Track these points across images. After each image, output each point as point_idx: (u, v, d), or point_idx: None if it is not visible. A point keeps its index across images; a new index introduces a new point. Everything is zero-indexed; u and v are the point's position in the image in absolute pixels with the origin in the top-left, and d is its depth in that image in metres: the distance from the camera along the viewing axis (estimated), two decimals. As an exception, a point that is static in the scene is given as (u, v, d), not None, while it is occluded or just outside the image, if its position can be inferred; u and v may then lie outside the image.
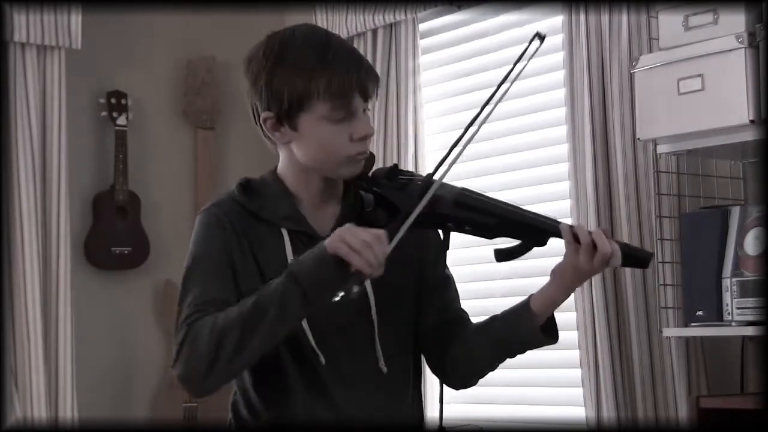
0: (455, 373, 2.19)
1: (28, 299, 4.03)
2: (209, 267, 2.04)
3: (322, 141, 2.04)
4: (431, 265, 2.20)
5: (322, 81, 2.00)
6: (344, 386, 2.08)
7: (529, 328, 2.06)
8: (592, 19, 3.44)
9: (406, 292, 2.16)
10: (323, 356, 2.05)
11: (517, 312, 2.09)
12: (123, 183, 4.40)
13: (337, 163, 2.06)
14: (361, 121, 2.05)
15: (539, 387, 3.80)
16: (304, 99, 2.01)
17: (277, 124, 2.06)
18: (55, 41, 4.14)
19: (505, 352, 2.13)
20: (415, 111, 4.08)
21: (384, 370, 2.10)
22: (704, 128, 2.94)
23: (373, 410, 2.09)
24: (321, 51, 2.03)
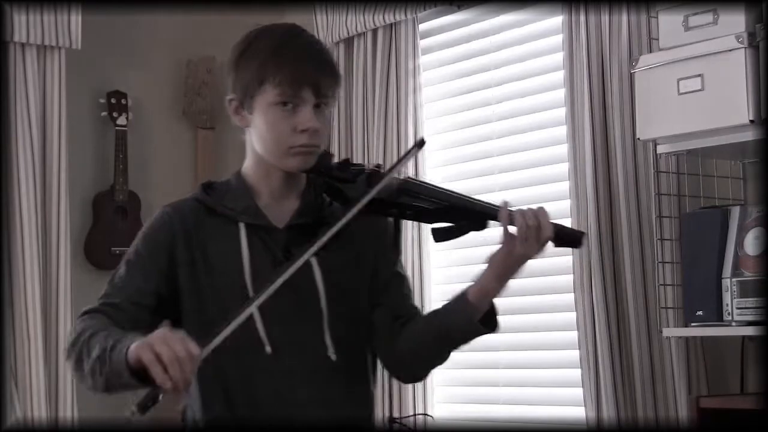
0: (403, 367, 2.24)
1: (28, 299, 4.03)
2: (138, 261, 2.17)
3: (269, 126, 2.13)
4: (384, 262, 2.24)
5: (274, 67, 2.11)
6: (289, 376, 2.12)
7: (464, 319, 2.09)
8: (592, 19, 3.44)
9: (360, 286, 2.21)
10: (270, 346, 2.11)
11: (454, 303, 2.13)
12: (123, 183, 4.40)
13: (281, 152, 2.14)
14: (307, 113, 2.12)
15: (539, 387, 3.80)
16: (259, 83, 2.12)
17: (238, 107, 2.18)
18: (55, 41, 4.14)
19: (445, 343, 2.16)
20: (415, 111, 4.08)
21: (333, 358, 2.13)
22: (704, 128, 2.94)
23: (319, 402, 2.13)
24: (282, 41, 2.15)
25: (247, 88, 2.14)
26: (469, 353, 4.03)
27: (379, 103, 4.11)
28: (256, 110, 2.14)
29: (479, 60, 4.04)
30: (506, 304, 3.88)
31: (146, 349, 1.88)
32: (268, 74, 2.11)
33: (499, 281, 2.10)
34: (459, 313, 2.10)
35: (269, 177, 2.19)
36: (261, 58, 2.13)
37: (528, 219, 2.03)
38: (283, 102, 2.11)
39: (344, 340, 2.16)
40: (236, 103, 2.17)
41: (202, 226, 2.17)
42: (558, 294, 3.68)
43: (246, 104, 2.16)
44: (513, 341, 3.86)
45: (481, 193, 3.96)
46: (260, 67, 2.12)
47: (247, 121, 2.17)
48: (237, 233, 2.15)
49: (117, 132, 4.41)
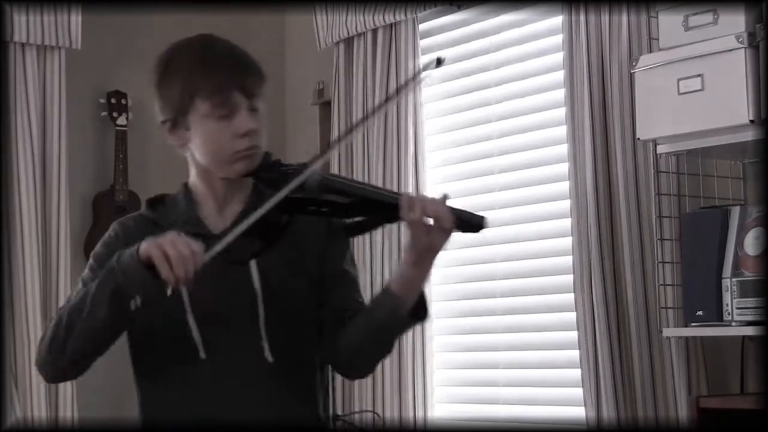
0: (346, 365, 2.23)
1: (28, 299, 4.03)
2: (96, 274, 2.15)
3: (209, 138, 2.14)
4: (330, 261, 2.24)
5: (200, 80, 2.13)
6: (226, 380, 2.13)
7: (390, 311, 2.09)
8: (592, 19, 3.44)
9: (301, 286, 2.21)
10: (204, 350, 2.13)
11: (381, 297, 2.12)
12: (123, 183, 4.40)
13: (225, 160, 2.15)
14: (243, 118, 2.13)
15: (539, 387, 3.80)
16: (188, 100, 2.14)
17: (173, 128, 2.19)
18: (55, 41, 4.14)
19: (378, 338, 2.15)
20: (415, 111, 4.07)
21: (270, 360, 2.15)
22: (704, 128, 2.94)
23: (258, 404, 2.14)
24: (201, 53, 2.17)
25: (177, 107, 2.15)
26: (469, 353, 4.07)
27: (379, 103, 4.11)
28: (192, 126, 2.15)
29: (479, 60, 4.04)
30: (506, 304, 3.92)
31: (155, 247, 1.96)
32: (196, 88, 2.12)
33: (416, 269, 2.05)
34: (385, 306, 2.10)
35: (213, 187, 2.20)
36: (184, 75, 2.14)
37: (427, 210, 2.00)
38: (217, 112, 2.12)
39: (283, 341, 2.16)
40: (169, 124, 2.18)
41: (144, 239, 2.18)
42: (558, 294, 3.68)
43: (180, 123, 2.16)
44: (513, 341, 3.86)
45: (481, 193, 3.98)
46: (186, 83, 2.13)
47: (184, 139, 2.18)
48: None
49: (117, 132, 4.41)
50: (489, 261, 3.96)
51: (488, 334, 3.95)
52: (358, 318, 2.17)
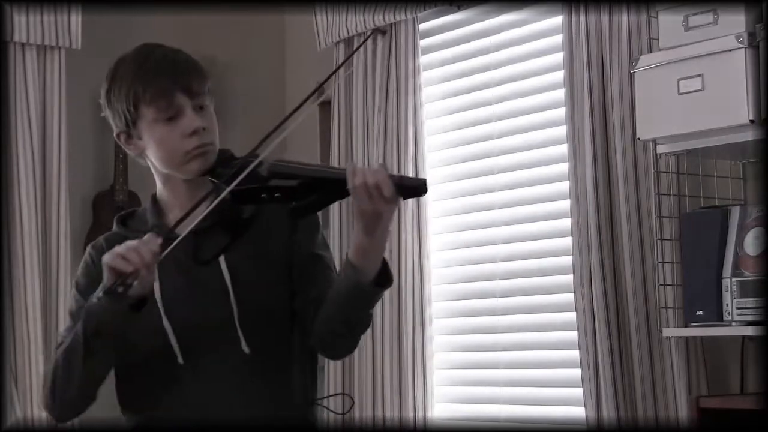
0: (327, 345, 2.24)
1: (28, 299, 4.03)
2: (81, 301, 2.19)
3: (159, 142, 2.19)
4: (299, 247, 2.26)
5: (141, 88, 2.18)
6: (205, 381, 2.16)
7: (353, 281, 2.09)
8: (592, 19, 3.44)
9: (272, 278, 2.23)
10: (182, 355, 2.16)
11: (343, 270, 2.13)
12: (123, 183, 4.40)
13: (179, 161, 2.19)
14: (189, 118, 2.17)
15: (539, 387, 3.80)
16: (134, 108, 2.19)
17: (127, 138, 2.25)
18: (55, 41, 4.14)
19: (348, 311, 2.14)
20: (415, 111, 4.08)
21: (246, 351, 2.17)
22: (704, 128, 2.94)
23: (237, 400, 2.16)
24: (140, 62, 2.22)
25: (126, 118, 2.20)
26: (469, 353, 4.07)
27: (379, 103, 4.11)
28: (143, 133, 2.20)
29: (479, 60, 4.04)
30: (506, 304, 3.92)
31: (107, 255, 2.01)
32: (139, 96, 2.17)
33: (368, 237, 2.06)
34: (349, 278, 2.10)
35: (176, 191, 2.24)
36: (126, 85, 2.19)
37: (367, 177, 2.01)
38: (162, 116, 2.16)
39: (258, 332, 2.18)
40: (124, 135, 2.23)
41: None
42: (558, 294, 3.68)
43: (132, 132, 2.22)
44: (513, 341, 3.86)
45: (481, 193, 3.98)
46: (128, 93, 2.18)
47: (140, 147, 2.23)
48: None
49: (117, 132, 4.41)
50: (489, 261, 3.96)
51: (488, 334, 3.95)
52: (329, 296, 2.19)
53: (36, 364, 4.01)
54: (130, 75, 2.20)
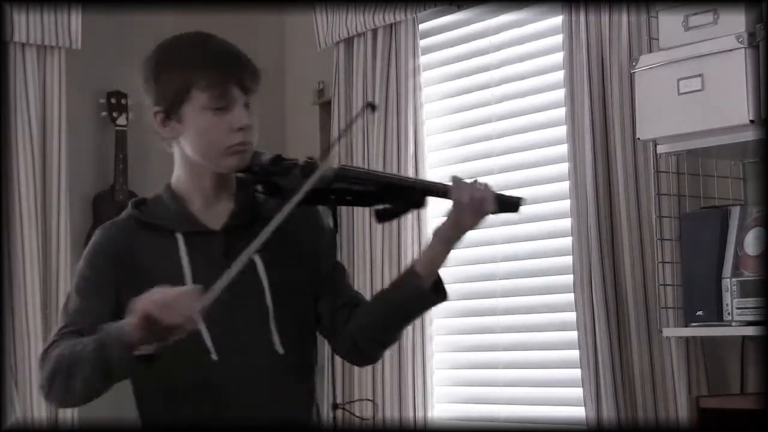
0: (356, 351, 2.26)
1: (28, 299, 4.03)
2: (88, 287, 2.16)
3: (203, 131, 2.15)
4: (325, 254, 2.28)
5: (201, 72, 2.13)
6: (237, 381, 2.14)
7: (416, 288, 2.15)
8: (592, 19, 3.44)
9: (303, 280, 2.24)
10: (216, 353, 2.12)
11: (404, 277, 2.19)
12: (123, 183, 4.40)
13: (218, 154, 2.15)
14: (239, 112, 2.15)
15: (539, 387, 3.80)
16: (186, 90, 2.14)
17: (165, 119, 2.18)
18: (55, 41, 4.14)
19: (399, 318, 2.21)
20: (415, 111, 4.08)
21: (281, 352, 2.16)
22: (704, 128, 2.94)
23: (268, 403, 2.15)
24: (201, 46, 2.19)
25: (172, 98, 2.15)
26: (469, 353, 4.07)
27: (379, 103, 4.11)
28: (186, 118, 2.15)
29: (479, 60, 4.04)
30: (506, 304, 3.92)
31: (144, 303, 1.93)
32: (195, 80, 2.13)
33: (446, 251, 2.18)
34: (410, 286, 2.16)
35: (201, 182, 2.20)
36: (183, 65, 2.15)
37: (474, 193, 2.13)
38: (213, 104, 2.13)
39: (291, 334, 2.18)
40: (162, 115, 2.18)
41: (138, 242, 2.18)
42: (558, 294, 3.68)
43: (173, 114, 2.16)
44: (513, 341, 3.86)
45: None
46: (185, 74, 2.14)
47: (176, 131, 2.18)
48: (175, 244, 2.16)
49: (117, 132, 4.41)
50: (489, 261, 3.96)
51: (488, 334, 3.95)
52: (372, 303, 2.24)
53: (36, 364, 4.00)
54: (188, 56, 2.16)
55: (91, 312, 2.13)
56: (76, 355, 2.04)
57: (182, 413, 2.15)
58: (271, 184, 2.16)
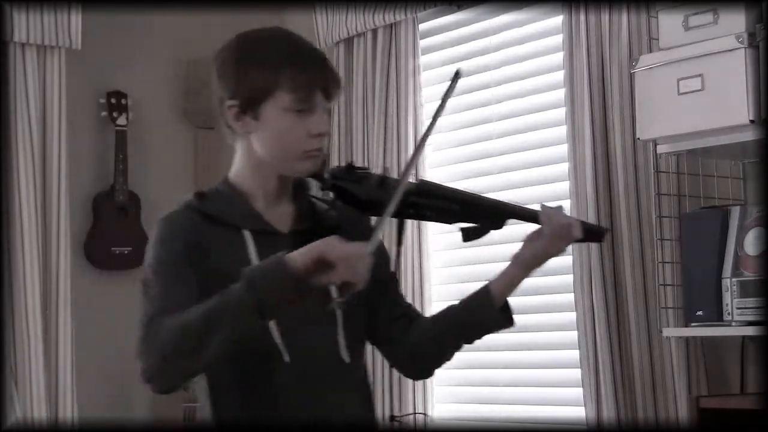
0: (414, 364, 2.28)
1: (28, 299, 4.03)
2: (169, 271, 2.07)
3: (282, 132, 2.10)
4: (380, 264, 2.21)
5: (289, 73, 2.09)
6: (309, 383, 2.11)
7: (489, 311, 2.18)
8: (592, 19, 3.44)
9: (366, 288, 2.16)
10: (288, 354, 2.09)
11: (478, 297, 2.20)
12: (123, 183, 4.40)
13: (293, 157, 2.12)
14: (320, 117, 2.11)
15: (539, 387, 3.80)
16: (270, 88, 2.09)
17: (240, 114, 2.12)
18: (55, 41, 4.14)
19: (465, 337, 2.23)
20: (415, 111, 4.08)
21: (347, 360, 2.15)
22: (704, 128, 2.94)
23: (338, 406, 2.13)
24: (289, 46, 2.14)
25: (254, 95, 2.10)
26: (469, 353, 4.03)
27: (379, 103, 4.11)
28: (264, 116, 2.10)
29: (479, 60, 4.04)
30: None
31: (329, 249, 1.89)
32: (283, 79, 2.08)
33: (524, 276, 2.20)
34: (483, 307, 2.18)
35: (266, 181, 2.15)
36: (271, 64, 2.09)
37: (563, 221, 2.13)
38: (296, 107, 2.09)
39: (353, 342, 2.17)
40: (237, 109, 2.12)
41: (205, 235, 2.11)
42: (558, 294, 3.68)
43: (250, 110, 2.11)
44: (513, 341, 3.86)
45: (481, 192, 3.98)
46: (273, 73, 2.08)
47: (249, 128, 2.12)
48: (242, 241, 2.11)
49: (117, 132, 4.41)
50: (489, 261, 3.96)
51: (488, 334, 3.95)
52: (439, 318, 2.24)
53: (36, 364, 4.01)
54: (276, 54, 2.11)
55: (178, 293, 2.03)
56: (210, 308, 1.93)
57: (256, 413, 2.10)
58: (344, 191, 2.14)
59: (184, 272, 2.06)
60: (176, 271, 2.07)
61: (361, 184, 2.15)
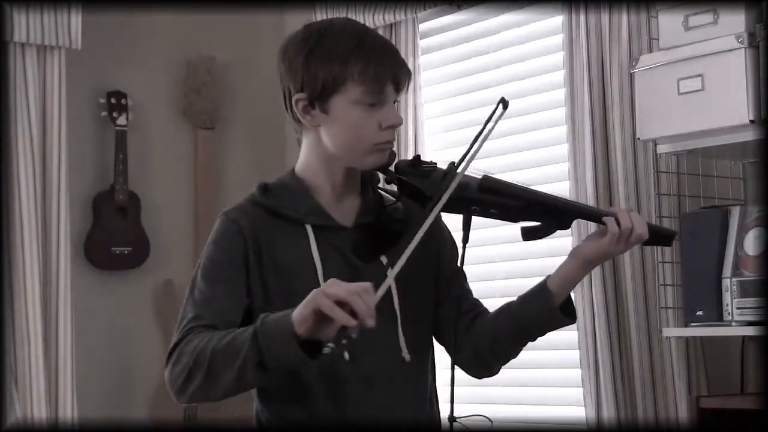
0: (478, 362, 2.24)
1: (28, 299, 4.03)
2: (217, 273, 2.07)
3: (352, 125, 2.06)
4: (447, 259, 2.22)
5: (358, 65, 2.04)
6: (366, 382, 2.09)
7: (547, 308, 2.11)
8: (592, 19, 3.44)
9: (426, 284, 2.19)
10: (348, 352, 2.02)
11: (536, 293, 2.14)
12: (123, 183, 4.40)
13: (363, 150, 2.08)
14: (391, 109, 2.08)
15: (539, 387, 3.80)
16: (339, 81, 2.05)
17: (308, 107, 2.09)
18: (55, 41, 4.14)
19: (525, 334, 2.17)
20: (415, 111, 4.08)
21: (407, 359, 2.12)
22: (704, 128, 2.94)
23: (398, 406, 2.12)
24: (359, 38, 2.08)
25: (323, 87, 2.05)
26: (469, 353, 4.05)
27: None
28: (334, 109, 2.06)
29: (479, 60, 4.04)
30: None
31: (319, 298, 1.83)
32: (353, 72, 2.04)
33: (584, 273, 2.13)
34: (541, 304, 2.11)
35: (333, 175, 2.12)
36: (342, 56, 2.05)
37: (634, 223, 2.06)
38: (367, 100, 2.05)
39: (415, 339, 2.14)
40: (305, 102, 2.08)
41: (267, 230, 2.09)
42: (558, 294, 3.68)
43: (319, 103, 2.07)
44: (513, 341, 3.86)
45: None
46: (343, 65, 2.04)
47: (317, 121, 2.09)
48: (305, 235, 2.09)
49: (117, 132, 4.41)
50: (489, 261, 3.96)
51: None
52: (498, 315, 2.18)
53: (36, 364, 4.01)
54: (346, 46, 2.05)
55: (219, 301, 2.04)
56: (221, 350, 1.93)
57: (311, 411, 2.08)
58: (410, 186, 2.10)
59: (232, 276, 2.05)
60: (224, 275, 2.06)
61: (426, 179, 2.10)
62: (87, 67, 4.37)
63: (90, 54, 4.30)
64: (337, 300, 1.83)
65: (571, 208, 2.16)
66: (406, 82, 2.12)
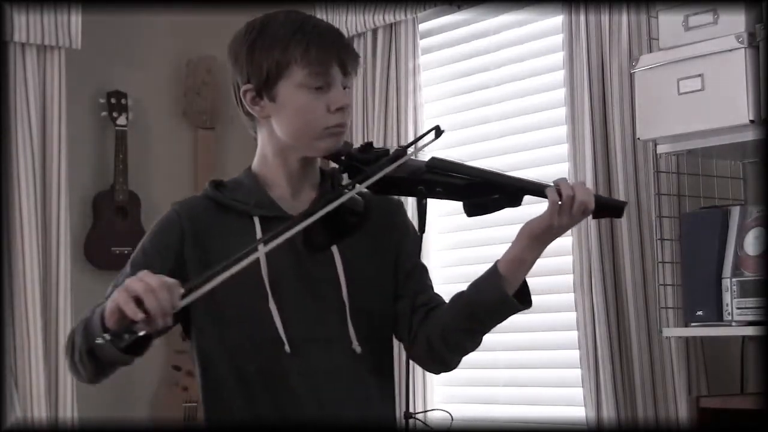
0: (432, 356, 2.13)
1: (28, 299, 4.03)
2: (141, 260, 2.05)
3: (300, 109, 2.05)
4: (405, 253, 2.18)
5: (299, 47, 2.03)
6: (313, 376, 2.04)
7: (498, 293, 2.03)
8: (592, 19, 3.44)
9: (381, 277, 2.14)
10: (289, 344, 2.02)
11: (485, 278, 2.07)
12: (123, 183, 4.40)
13: (314, 135, 2.05)
14: (339, 92, 2.05)
15: (539, 387, 3.80)
16: (282, 66, 2.04)
17: (256, 97, 2.08)
18: (55, 41, 4.14)
19: (477, 322, 2.08)
20: (415, 111, 4.08)
21: (358, 351, 2.07)
22: (704, 128, 2.94)
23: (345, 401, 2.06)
24: (300, 23, 2.08)
25: (268, 75, 2.04)
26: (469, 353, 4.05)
27: (379, 103, 4.11)
28: (281, 96, 2.05)
29: (479, 60, 4.04)
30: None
31: (119, 290, 1.78)
32: (294, 56, 2.02)
33: (534, 252, 2.05)
34: (491, 289, 2.04)
35: (288, 166, 2.10)
36: (283, 41, 2.04)
37: (577, 193, 1.99)
38: (314, 83, 2.03)
39: (367, 332, 2.09)
40: (253, 93, 2.07)
41: (213, 223, 2.09)
42: (558, 294, 3.68)
43: (266, 92, 2.06)
44: (513, 341, 3.86)
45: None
46: (284, 50, 2.03)
47: (267, 111, 2.08)
48: (251, 227, 2.07)
49: (117, 132, 4.41)
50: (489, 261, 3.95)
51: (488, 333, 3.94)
52: (450, 305, 2.11)
53: (36, 364, 4.01)
54: (288, 32, 2.04)
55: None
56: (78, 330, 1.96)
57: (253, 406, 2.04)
58: (358, 171, 2.04)
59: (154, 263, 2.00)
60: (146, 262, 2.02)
61: (374, 163, 2.04)
62: (87, 67, 4.37)
63: (90, 54, 4.31)
64: (135, 295, 1.75)
65: (515, 183, 2.06)
66: (355, 65, 2.09)
